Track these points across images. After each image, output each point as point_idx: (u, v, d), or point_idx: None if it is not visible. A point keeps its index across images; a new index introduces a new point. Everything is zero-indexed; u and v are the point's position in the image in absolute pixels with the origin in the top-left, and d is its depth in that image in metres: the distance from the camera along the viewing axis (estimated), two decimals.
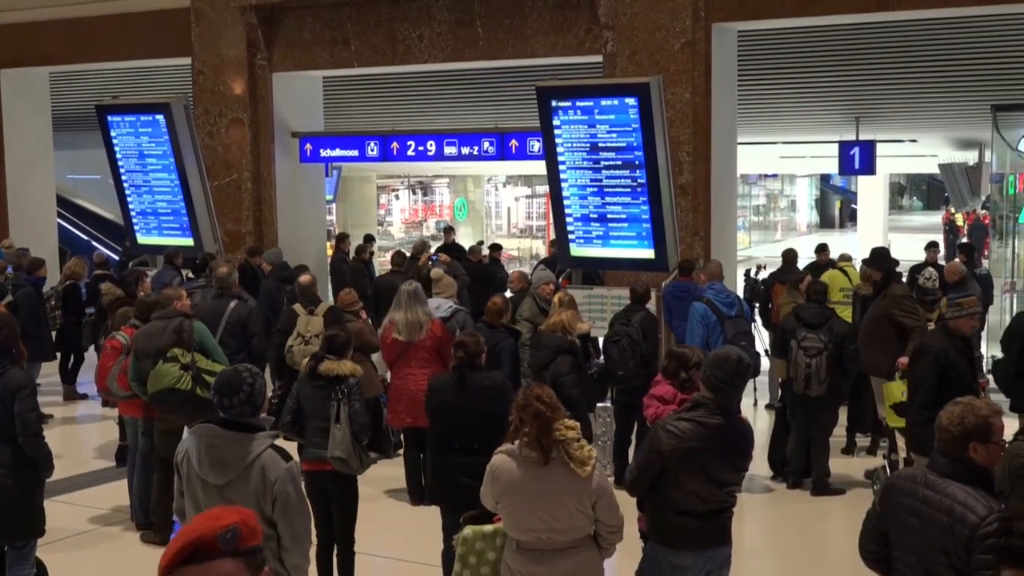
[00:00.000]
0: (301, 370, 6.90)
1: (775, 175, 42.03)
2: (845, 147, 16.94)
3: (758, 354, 10.05)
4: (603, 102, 10.96)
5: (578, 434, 4.69)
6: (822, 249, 13.69)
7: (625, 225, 11.22)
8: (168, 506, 5.29)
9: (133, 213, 14.49)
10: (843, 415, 10.07)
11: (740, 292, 11.69)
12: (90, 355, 12.12)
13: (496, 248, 16.54)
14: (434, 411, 6.56)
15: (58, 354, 12.64)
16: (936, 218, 42.82)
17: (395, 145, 14.36)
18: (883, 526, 4.05)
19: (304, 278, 10.12)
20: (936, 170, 29.10)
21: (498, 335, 8.28)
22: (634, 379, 8.85)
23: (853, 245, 28.61)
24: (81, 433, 11.76)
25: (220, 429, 4.45)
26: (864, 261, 10.87)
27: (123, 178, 14.37)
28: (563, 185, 11.45)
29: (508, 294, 10.88)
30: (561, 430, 4.63)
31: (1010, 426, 6.15)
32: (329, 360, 6.59)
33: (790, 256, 12.86)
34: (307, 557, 4.62)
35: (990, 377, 10.60)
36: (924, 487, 3.88)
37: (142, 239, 14.59)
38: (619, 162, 11.03)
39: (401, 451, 9.37)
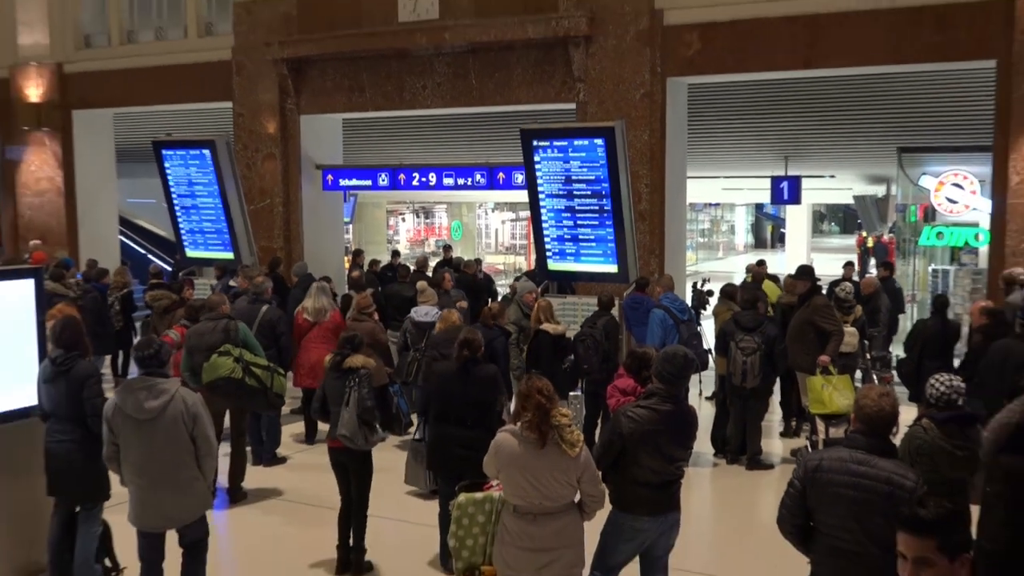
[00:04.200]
0: None
1: (717, 204, 42.16)
2: (776, 181, 17.03)
3: (707, 352, 10.08)
4: (576, 142, 11.01)
5: (571, 420, 4.70)
6: (760, 264, 13.58)
7: (593, 244, 11.27)
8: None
9: (183, 231, 14.48)
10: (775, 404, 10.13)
11: (688, 301, 11.74)
12: None
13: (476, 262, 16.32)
14: (436, 392, 6.44)
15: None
16: (851, 241, 43.00)
17: (402, 176, 14.39)
18: (811, 502, 3.99)
19: (362, 298, 9.51)
20: (851, 201, 29.27)
21: (492, 333, 8.31)
22: (597, 372, 8.90)
23: (782, 263, 28.74)
24: None
25: (148, 378, 5.31)
26: (789, 275, 10.89)
27: (175, 202, 14.38)
28: (542, 211, 11.49)
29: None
30: (557, 417, 4.64)
31: (908, 413, 6.21)
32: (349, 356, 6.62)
33: (759, 275, 12.05)
34: (216, 459, 5.49)
35: (894, 373, 10.70)
36: (856, 464, 3.89)
37: (190, 253, 14.58)
38: (589, 192, 11.08)
39: (411, 429, 9.35)
